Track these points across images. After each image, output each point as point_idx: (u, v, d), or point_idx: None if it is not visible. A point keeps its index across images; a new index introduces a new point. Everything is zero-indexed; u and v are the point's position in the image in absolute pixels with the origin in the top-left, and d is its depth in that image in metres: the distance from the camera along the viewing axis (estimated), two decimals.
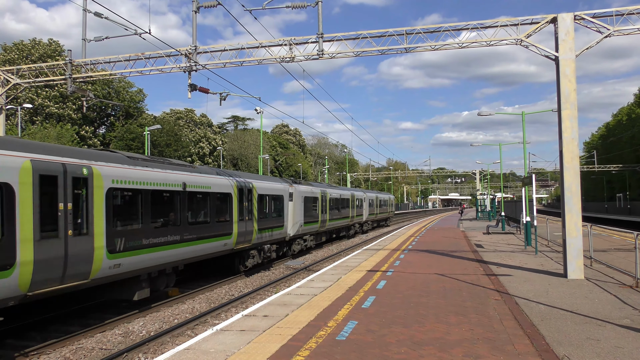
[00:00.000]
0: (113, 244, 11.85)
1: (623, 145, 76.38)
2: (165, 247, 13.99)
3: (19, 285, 9.30)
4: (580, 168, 26.86)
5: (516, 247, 23.52)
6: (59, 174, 10.35)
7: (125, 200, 12.74)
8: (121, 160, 12.77)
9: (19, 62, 50.30)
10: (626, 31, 14.98)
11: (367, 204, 46.70)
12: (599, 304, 10.86)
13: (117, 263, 11.97)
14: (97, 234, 11.38)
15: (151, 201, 13.53)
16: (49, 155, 10.31)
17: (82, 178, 11.06)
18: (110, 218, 11.80)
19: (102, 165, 11.83)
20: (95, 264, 11.27)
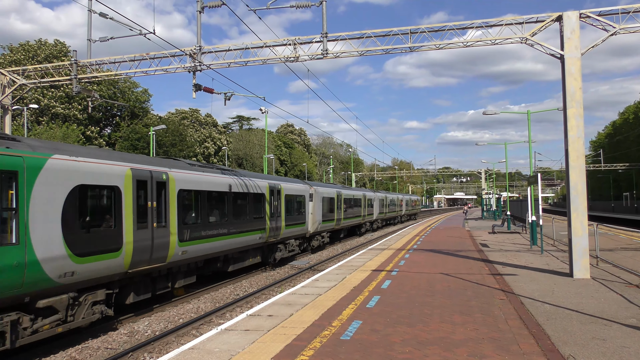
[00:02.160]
0: (182, 235, 14.41)
1: (630, 143, 75.98)
2: (217, 238, 16.57)
3: (123, 264, 11.83)
4: (586, 167, 26.77)
5: (522, 247, 23.44)
6: (148, 179, 12.98)
7: (189, 200, 15.25)
8: (185, 167, 15.43)
9: (25, 63, 50.55)
10: (632, 29, 14.88)
11: (378, 203, 48.53)
12: (605, 303, 10.80)
13: (184, 250, 14.56)
14: (172, 226, 13.93)
15: (207, 200, 16.21)
16: (141, 165, 12.90)
17: (162, 182, 13.66)
18: (180, 214, 14.34)
19: (174, 171, 14.45)
20: (170, 250, 13.81)
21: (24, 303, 9.41)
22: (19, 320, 9.23)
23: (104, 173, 11.47)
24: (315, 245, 28.87)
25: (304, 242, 27.06)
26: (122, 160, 12.27)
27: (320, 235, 29.47)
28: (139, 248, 12.33)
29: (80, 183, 10.70)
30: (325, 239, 30.52)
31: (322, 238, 29.98)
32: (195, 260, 15.51)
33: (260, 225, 20.17)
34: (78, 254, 10.40)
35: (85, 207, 11.00)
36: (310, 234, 27.48)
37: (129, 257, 11.98)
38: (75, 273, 10.37)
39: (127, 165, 12.29)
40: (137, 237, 12.30)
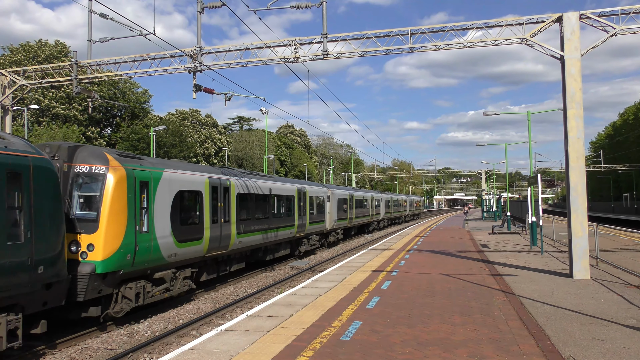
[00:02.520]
0: (239, 229, 18.26)
1: (630, 144, 75.97)
2: (261, 232, 20.35)
3: (203, 249, 15.69)
4: (586, 168, 26.71)
5: (522, 247, 23.44)
6: (218, 185, 16.88)
7: (244, 201, 18.99)
8: (240, 175, 19.53)
9: (26, 64, 50.57)
10: (632, 30, 14.89)
11: (384, 204, 52.27)
12: (605, 304, 10.80)
13: (240, 240, 18.40)
14: (233, 222, 17.81)
15: (255, 201, 20.05)
16: (213, 174, 16.98)
17: (227, 187, 17.59)
18: (238, 212, 18.21)
19: (234, 178, 18.48)
20: (232, 240, 17.72)
21: (147, 274, 13.07)
22: (145, 286, 12.93)
23: (194, 181, 15.35)
24: (331, 240, 32.12)
25: (322, 237, 30.27)
26: (202, 172, 16.33)
27: (335, 232, 32.93)
28: (213, 238, 16.19)
29: (180, 189, 14.55)
30: (339, 235, 34.01)
31: (337, 234, 33.46)
32: (246, 250, 19.41)
33: (290, 222, 24.00)
34: (179, 241, 14.23)
35: (182, 207, 14.69)
36: (328, 230, 30.88)
37: (206, 244, 15.82)
38: (177, 255, 14.14)
39: (205, 175, 16.22)
40: (212, 230, 16.21)
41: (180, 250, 14.23)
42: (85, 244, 11.37)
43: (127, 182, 12.24)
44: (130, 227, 12.18)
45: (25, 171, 9.44)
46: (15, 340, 9.02)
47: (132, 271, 12.37)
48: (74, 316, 11.49)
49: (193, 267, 15.30)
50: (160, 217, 13.35)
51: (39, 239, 9.55)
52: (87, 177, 11.93)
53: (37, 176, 9.70)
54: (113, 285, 11.92)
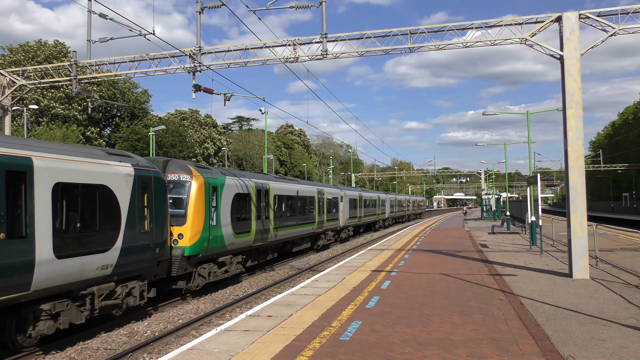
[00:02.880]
0: (275, 224, 21.77)
1: (629, 144, 75.98)
2: (290, 227, 24.00)
3: (250, 240, 19.23)
4: (585, 167, 26.70)
5: (521, 247, 23.45)
6: (261, 188, 20.58)
7: (278, 201, 22.50)
8: (275, 179, 23.39)
9: (25, 64, 50.54)
10: (632, 30, 14.90)
11: (389, 204, 55.83)
12: (605, 303, 10.81)
13: (276, 234, 21.90)
14: (271, 219, 21.33)
15: (286, 201, 23.66)
16: (258, 180, 20.64)
17: (266, 190, 21.27)
18: (274, 210, 21.75)
19: (271, 182, 22.11)
20: (270, 233, 21.15)
21: (214, 258, 16.65)
22: (212, 267, 16.51)
23: (245, 185, 19.21)
24: (344, 237, 35.92)
25: (336, 233, 33.79)
26: (250, 178, 20.27)
27: (347, 229, 36.71)
28: (257, 231, 19.77)
29: (237, 192, 18.35)
30: (350, 232, 37.88)
31: (348, 231, 37.34)
32: (279, 242, 22.89)
33: (312, 220, 27.73)
34: (236, 233, 17.88)
35: (238, 206, 18.31)
36: (341, 227, 34.56)
37: (253, 236, 19.45)
38: (234, 244, 17.75)
39: (252, 180, 20.17)
40: (257, 224, 19.77)
41: (236, 240, 18.08)
42: (176, 234, 14.92)
43: (204, 187, 15.99)
44: (206, 221, 15.90)
45: (149, 181, 13.02)
46: (142, 300, 12.83)
47: (206, 255, 16.02)
48: (167, 288, 14.92)
49: (243, 254, 19.12)
50: (224, 214, 17.18)
51: (157, 229, 13.22)
52: (177, 184, 15.52)
53: (156, 184, 13.28)
54: (193, 265, 15.48)
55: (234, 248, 17.90)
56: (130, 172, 12.38)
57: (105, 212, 11.42)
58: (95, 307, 11.25)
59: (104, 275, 11.34)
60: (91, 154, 11.54)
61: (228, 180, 17.81)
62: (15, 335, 9.60)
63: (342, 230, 35.31)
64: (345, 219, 35.35)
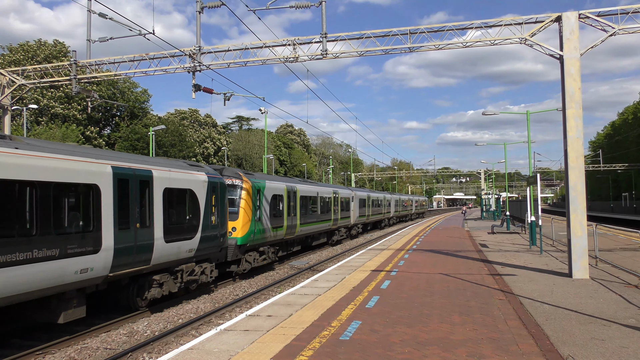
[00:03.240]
0: (301, 221, 25.54)
1: (629, 144, 76.00)
2: (312, 224, 27.80)
3: (283, 234, 22.87)
4: (585, 167, 26.66)
5: (521, 247, 23.45)
6: (291, 190, 24.28)
7: (304, 201, 26.25)
8: (300, 182, 27.55)
9: (25, 63, 50.53)
10: (631, 29, 14.90)
11: (394, 203, 59.59)
12: (604, 303, 10.81)
13: (301, 229, 25.70)
14: (298, 216, 25.08)
15: (309, 201, 27.29)
16: (288, 183, 24.39)
17: (295, 192, 24.88)
18: (300, 209, 25.53)
19: (298, 185, 26.01)
20: (297, 228, 24.94)
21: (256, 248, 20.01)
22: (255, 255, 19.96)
23: (280, 188, 22.91)
24: (354, 233, 39.90)
25: (347, 230, 37.47)
26: (282, 181, 24.10)
27: (357, 226, 40.90)
28: (287, 226, 23.45)
29: (274, 193, 21.98)
30: (359, 229, 42.17)
31: (358, 228, 41.58)
32: (303, 236, 26.78)
33: (329, 218, 31.43)
34: (272, 228, 21.52)
35: (274, 205, 21.96)
36: (352, 225, 38.42)
37: (284, 230, 23.13)
38: (270, 236, 21.27)
39: (284, 183, 23.78)
40: (287, 220, 23.43)
41: (272, 233, 21.55)
42: (230, 227, 18.17)
43: (251, 190, 19.64)
44: (252, 217, 19.46)
45: (217, 186, 16.41)
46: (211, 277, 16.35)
47: (251, 245, 19.56)
48: (222, 270, 18.06)
49: (277, 245, 22.70)
50: (265, 211, 20.78)
51: (221, 223, 16.66)
52: (231, 187, 18.91)
53: (220, 188, 16.60)
54: (242, 253, 18.97)
55: (271, 240, 21.65)
56: (205, 179, 15.92)
57: (191, 209, 15.12)
58: (183, 281, 14.81)
59: (189, 257, 14.96)
60: (181, 166, 15.21)
61: (267, 184, 21.65)
62: (135, 297, 13.22)
63: (353, 227, 39.23)
64: (356, 217, 39.30)
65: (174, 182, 14.28)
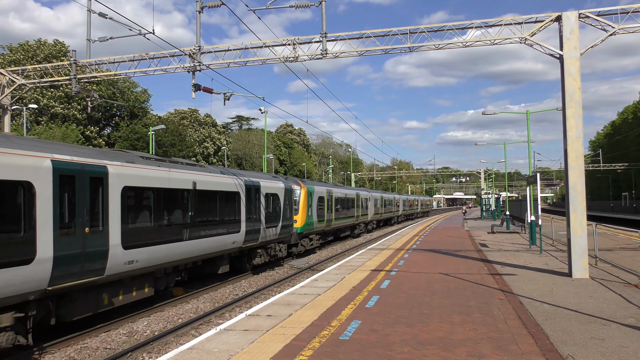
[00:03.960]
0: (335, 216, 31.89)
1: (629, 143, 76.02)
2: (341, 219, 34.09)
3: (324, 226, 29.47)
4: (585, 167, 26.66)
5: (521, 247, 23.46)
6: (328, 193, 30.77)
7: (337, 201, 32.27)
8: (334, 186, 33.42)
9: (24, 63, 50.51)
10: (631, 29, 14.89)
11: (402, 203, 66.79)
12: (604, 303, 10.82)
13: (335, 223, 31.93)
14: (333, 213, 31.43)
15: (339, 201, 33.50)
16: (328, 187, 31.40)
17: (331, 194, 31.22)
18: (335, 207, 31.58)
19: (333, 188, 31.94)
20: (333, 222, 31.24)
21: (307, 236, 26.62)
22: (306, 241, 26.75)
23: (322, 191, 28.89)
24: (370, 228, 46.84)
25: (365, 225, 44.33)
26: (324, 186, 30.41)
27: (372, 222, 47.96)
28: (327, 220, 29.76)
29: (319, 196, 28.13)
30: (374, 225, 49.44)
31: (373, 224, 48.79)
32: (335, 229, 33.25)
33: (352, 214, 37.95)
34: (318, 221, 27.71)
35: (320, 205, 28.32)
36: (368, 221, 45.31)
37: (325, 223, 29.23)
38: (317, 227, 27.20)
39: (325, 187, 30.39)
40: (327, 216, 29.73)
41: (318, 225, 28.35)
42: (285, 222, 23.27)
43: (306, 193, 26.53)
44: (307, 214, 26.33)
45: (288, 190, 23.25)
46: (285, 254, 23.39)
47: (305, 233, 26.43)
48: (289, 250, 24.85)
49: (319, 234, 29.52)
50: (314, 208, 27.59)
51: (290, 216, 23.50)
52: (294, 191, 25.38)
53: (290, 192, 23.68)
54: (300, 239, 25.73)
55: (316, 230, 28.54)
56: (283, 186, 23.11)
57: (277, 206, 22.04)
58: (270, 255, 21.57)
59: (275, 239, 21.82)
60: (270, 178, 22.74)
61: (315, 188, 28.60)
62: (246, 263, 19.74)
63: (369, 223, 46.34)
64: (372, 215, 46.27)
65: (268, 189, 21.31)
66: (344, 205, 35.52)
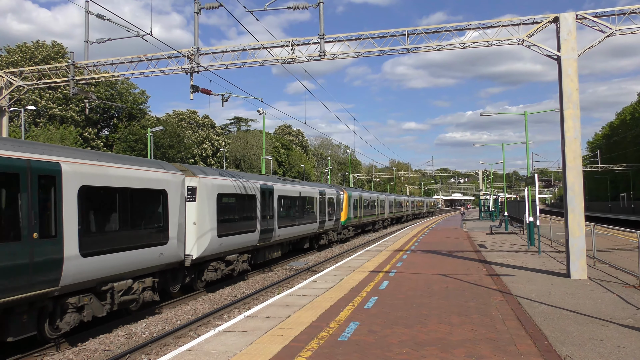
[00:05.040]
0: (363, 213, 42.39)
1: (627, 144, 76.14)
2: (367, 216, 44.33)
3: (357, 220, 40.62)
4: (583, 168, 26.71)
5: (519, 247, 23.48)
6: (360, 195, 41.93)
7: (365, 202, 42.86)
8: (362, 191, 45.30)
9: (22, 64, 50.43)
10: (629, 30, 14.93)
11: (410, 204, 77.71)
12: (602, 303, 10.83)
13: (362, 220, 42.23)
14: (362, 211, 42.12)
15: (367, 202, 44.21)
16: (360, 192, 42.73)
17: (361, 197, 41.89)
18: (363, 207, 42.36)
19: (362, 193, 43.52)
20: (363, 218, 42.45)
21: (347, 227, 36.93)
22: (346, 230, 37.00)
23: (356, 195, 39.59)
24: (386, 224, 56.21)
25: (382, 222, 53.35)
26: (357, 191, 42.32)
27: (388, 220, 57.57)
28: (359, 217, 40.64)
29: (355, 198, 39.07)
30: (389, 222, 59.37)
31: (389, 221, 59.04)
32: (362, 224, 43.43)
33: (374, 213, 47.56)
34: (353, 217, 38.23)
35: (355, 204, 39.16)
36: (385, 218, 54.50)
37: (358, 218, 40.25)
38: (353, 220, 38.89)
39: (358, 192, 41.56)
40: (358, 213, 40.17)
41: (353, 220, 37.65)
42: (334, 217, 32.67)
43: (347, 196, 36.14)
44: (347, 210, 35.76)
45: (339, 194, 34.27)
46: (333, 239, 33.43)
47: (346, 225, 35.97)
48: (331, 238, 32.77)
49: (353, 227, 38.70)
50: (351, 206, 36.78)
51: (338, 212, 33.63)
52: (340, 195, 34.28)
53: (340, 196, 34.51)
54: (342, 229, 34.89)
55: (352, 223, 38.44)
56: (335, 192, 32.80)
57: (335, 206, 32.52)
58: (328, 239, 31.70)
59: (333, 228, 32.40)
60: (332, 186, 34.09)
61: (352, 193, 38.48)
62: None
63: (385, 220, 55.68)
64: (388, 214, 55.98)
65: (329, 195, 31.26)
66: (370, 205, 45.34)
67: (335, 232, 33.27)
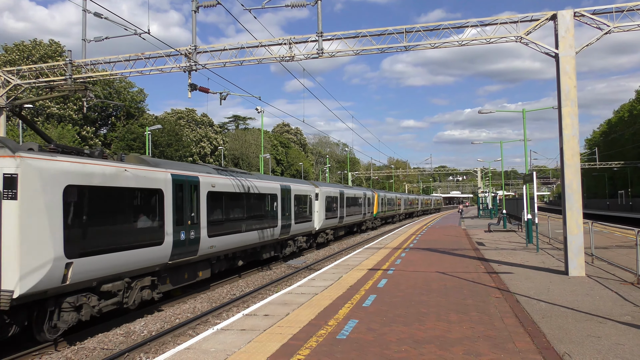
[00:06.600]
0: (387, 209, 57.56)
1: (625, 142, 76.30)
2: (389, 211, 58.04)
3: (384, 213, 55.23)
4: (581, 165, 26.76)
5: (517, 245, 23.51)
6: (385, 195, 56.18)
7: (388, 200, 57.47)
8: (385, 192, 58.56)
9: (20, 63, 50.32)
10: (626, 27, 14.93)
11: (420, 201, 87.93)
12: (600, 301, 10.85)
13: (386, 213, 56.73)
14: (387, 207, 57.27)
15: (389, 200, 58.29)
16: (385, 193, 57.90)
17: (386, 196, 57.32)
18: (385, 203, 56.17)
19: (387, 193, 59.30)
20: (387, 212, 57.67)
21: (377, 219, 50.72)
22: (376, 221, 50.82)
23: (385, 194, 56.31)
24: (401, 218, 67.03)
25: (398, 216, 64.40)
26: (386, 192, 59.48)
27: (402, 214, 68.01)
28: (385, 211, 55.02)
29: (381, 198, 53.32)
30: (403, 216, 69.39)
31: (403, 216, 69.32)
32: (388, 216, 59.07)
33: (393, 209, 61.04)
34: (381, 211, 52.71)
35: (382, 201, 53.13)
36: (400, 213, 65.44)
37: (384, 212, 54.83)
38: (380, 214, 51.35)
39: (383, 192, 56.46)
40: (384, 208, 53.73)
41: (380, 213, 51.52)
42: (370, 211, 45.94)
43: (377, 196, 49.73)
44: (378, 206, 49.94)
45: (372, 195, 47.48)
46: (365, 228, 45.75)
47: (378, 217, 50.41)
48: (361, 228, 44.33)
49: (382, 219, 54.02)
50: (381, 203, 51.73)
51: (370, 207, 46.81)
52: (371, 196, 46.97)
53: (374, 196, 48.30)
54: (373, 220, 48.38)
55: (380, 215, 50.71)
56: (372, 194, 47.29)
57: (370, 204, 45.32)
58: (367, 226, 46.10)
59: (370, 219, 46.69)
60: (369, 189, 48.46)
61: (381, 194, 51.95)
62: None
63: (402, 214, 66.90)
64: (404, 209, 67.49)
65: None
66: (390, 202, 57.40)
67: (370, 221, 46.55)
